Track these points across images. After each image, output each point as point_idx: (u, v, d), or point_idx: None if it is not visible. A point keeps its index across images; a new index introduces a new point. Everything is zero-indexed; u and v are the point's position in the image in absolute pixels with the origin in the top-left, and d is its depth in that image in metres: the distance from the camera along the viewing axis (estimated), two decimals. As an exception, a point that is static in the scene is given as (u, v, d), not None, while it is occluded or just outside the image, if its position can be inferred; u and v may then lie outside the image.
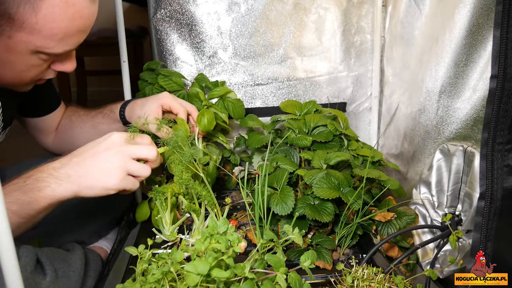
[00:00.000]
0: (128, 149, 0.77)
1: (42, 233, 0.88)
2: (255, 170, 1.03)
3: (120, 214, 1.14)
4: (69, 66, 0.82)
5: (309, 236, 0.91)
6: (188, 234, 0.94)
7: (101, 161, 0.75)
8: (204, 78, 1.20)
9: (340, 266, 0.81)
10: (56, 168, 0.74)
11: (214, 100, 1.27)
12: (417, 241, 0.96)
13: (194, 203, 0.94)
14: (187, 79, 1.23)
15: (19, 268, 0.50)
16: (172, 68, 1.27)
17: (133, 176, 0.79)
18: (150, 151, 0.80)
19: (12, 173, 0.75)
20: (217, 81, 1.18)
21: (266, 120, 1.16)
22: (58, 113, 1.09)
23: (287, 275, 0.66)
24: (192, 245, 0.89)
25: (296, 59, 1.30)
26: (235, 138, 1.27)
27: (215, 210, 0.93)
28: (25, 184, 0.71)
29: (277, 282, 0.65)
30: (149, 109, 0.97)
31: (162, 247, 0.92)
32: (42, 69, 0.79)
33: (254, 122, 1.13)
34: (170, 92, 1.15)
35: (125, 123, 1.02)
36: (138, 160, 0.80)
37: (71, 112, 1.11)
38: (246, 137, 1.26)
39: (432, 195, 0.96)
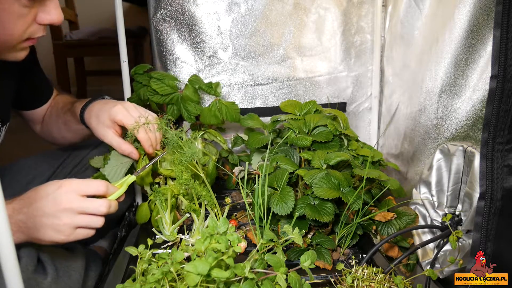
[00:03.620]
0: (76, 206, 0.72)
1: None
2: (255, 170, 1.03)
3: (120, 214, 1.14)
4: (56, 14, 0.74)
5: (309, 236, 0.91)
6: (188, 234, 0.94)
7: (48, 217, 0.71)
8: (198, 80, 1.15)
9: (340, 266, 0.81)
10: (10, 215, 0.70)
11: (208, 102, 1.26)
12: (417, 241, 0.96)
13: (194, 203, 0.94)
14: (180, 81, 1.20)
15: (19, 268, 0.50)
16: (172, 68, 1.27)
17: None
18: (100, 207, 0.74)
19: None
20: (211, 82, 1.16)
21: (266, 120, 1.16)
22: (47, 103, 1.09)
23: (287, 275, 0.66)
24: (192, 245, 0.89)
25: (296, 59, 1.30)
26: (232, 137, 1.27)
27: (215, 210, 0.93)
28: None
29: (277, 282, 0.65)
30: (103, 123, 0.93)
31: (162, 247, 0.92)
32: (28, 22, 0.73)
33: (254, 121, 1.12)
34: (163, 95, 1.11)
35: (87, 126, 0.98)
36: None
37: (53, 103, 1.10)
38: (243, 136, 1.25)
39: (432, 195, 0.96)
